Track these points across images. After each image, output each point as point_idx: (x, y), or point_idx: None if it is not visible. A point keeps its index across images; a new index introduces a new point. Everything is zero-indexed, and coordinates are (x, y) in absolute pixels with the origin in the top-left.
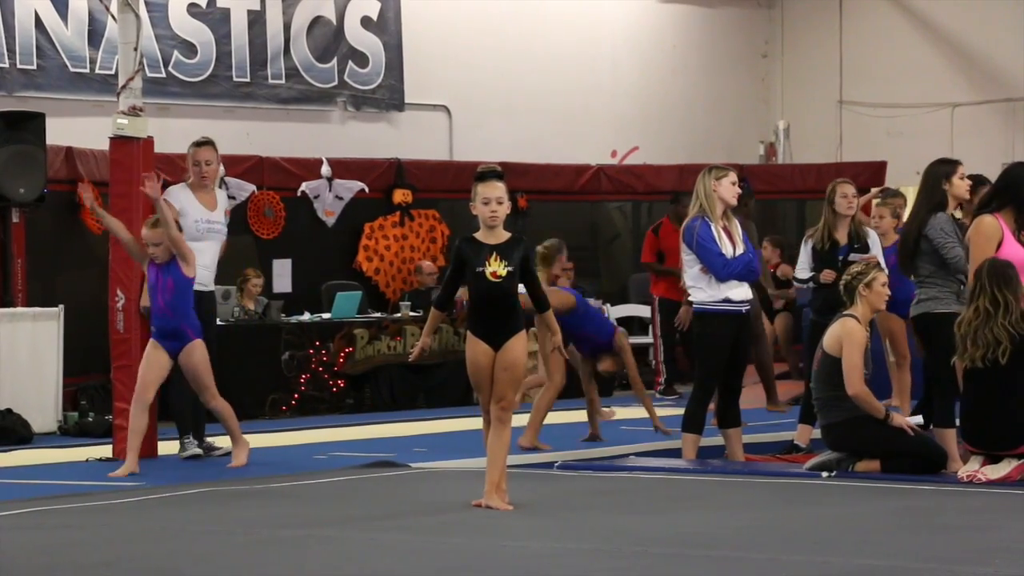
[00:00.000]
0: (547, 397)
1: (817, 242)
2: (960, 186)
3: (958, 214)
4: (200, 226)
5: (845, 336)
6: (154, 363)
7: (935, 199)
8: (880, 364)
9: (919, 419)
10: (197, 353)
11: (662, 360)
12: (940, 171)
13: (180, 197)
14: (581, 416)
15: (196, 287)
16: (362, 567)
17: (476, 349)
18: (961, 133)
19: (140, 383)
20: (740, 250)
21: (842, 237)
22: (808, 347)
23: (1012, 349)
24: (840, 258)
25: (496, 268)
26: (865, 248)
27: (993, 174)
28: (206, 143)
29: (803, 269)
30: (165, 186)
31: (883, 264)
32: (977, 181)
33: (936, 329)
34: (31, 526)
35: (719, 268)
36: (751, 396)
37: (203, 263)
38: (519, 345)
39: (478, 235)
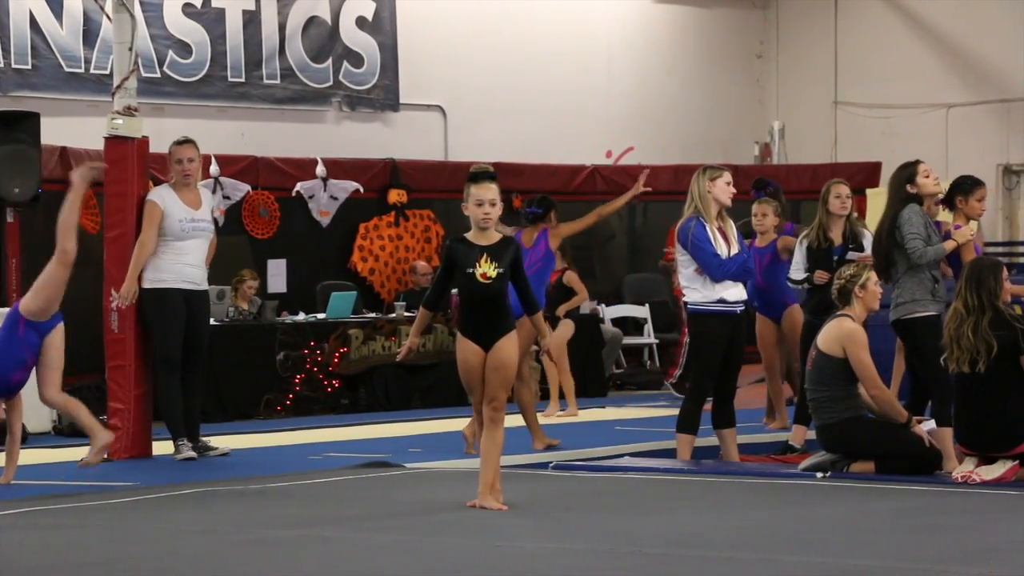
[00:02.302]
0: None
1: (812, 242)
2: (926, 183)
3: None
4: (184, 225)
5: (847, 339)
6: None
7: (903, 202)
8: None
9: (932, 424)
10: (57, 337)
11: (684, 355)
12: (902, 176)
13: (164, 197)
14: (572, 417)
15: (188, 286)
16: (356, 567)
17: (466, 350)
18: (956, 134)
19: None
20: (735, 250)
21: (837, 237)
22: (804, 348)
23: (988, 358)
24: (835, 258)
25: (486, 270)
26: (860, 248)
27: (987, 174)
28: (187, 141)
29: (797, 270)
30: (157, 184)
31: None
32: (973, 183)
33: (920, 333)
34: (25, 526)
35: (714, 268)
36: (746, 397)
37: (190, 262)
38: (510, 345)
39: (469, 236)
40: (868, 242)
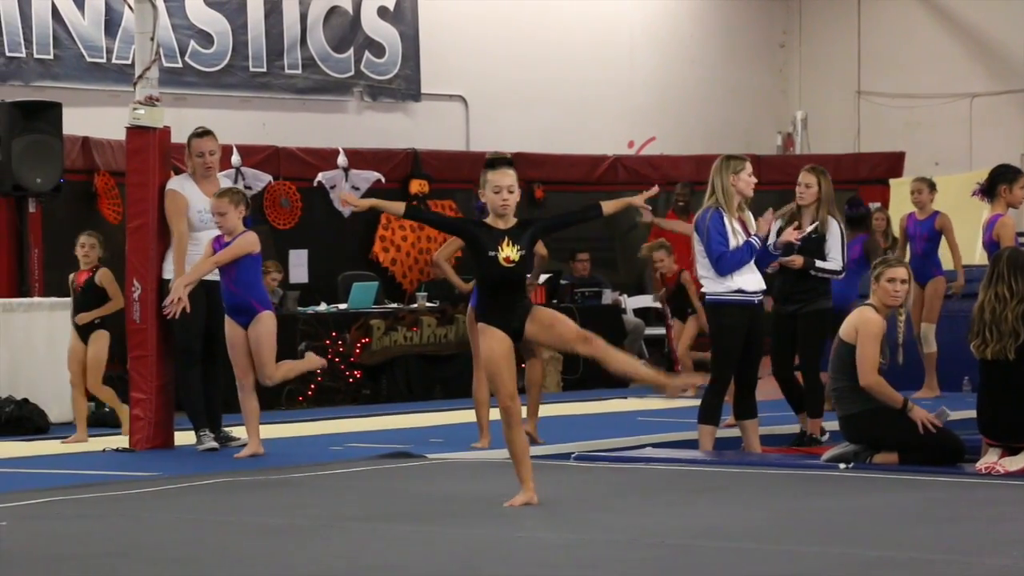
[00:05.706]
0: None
1: (783, 224)
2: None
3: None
4: (204, 216)
5: (860, 326)
6: (236, 343)
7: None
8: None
9: (944, 409)
10: (262, 325)
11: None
12: (1007, 174)
13: (184, 186)
14: (594, 408)
15: (209, 277)
16: (377, 558)
17: (492, 337)
18: (980, 123)
19: (235, 368)
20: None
21: (805, 222)
22: (774, 338)
23: (1016, 344)
24: (798, 244)
25: (509, 253)
26: (821, 238)
27: (1010, 164)
28: (207, 133)
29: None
30: (177, 174)
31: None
32: (1016, 171)
33: None
34: (48, 515)
35: (714, 262)
36: (767, 388)
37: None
38: (546, 309)
39: (488, 221)
40: (832, 233)
